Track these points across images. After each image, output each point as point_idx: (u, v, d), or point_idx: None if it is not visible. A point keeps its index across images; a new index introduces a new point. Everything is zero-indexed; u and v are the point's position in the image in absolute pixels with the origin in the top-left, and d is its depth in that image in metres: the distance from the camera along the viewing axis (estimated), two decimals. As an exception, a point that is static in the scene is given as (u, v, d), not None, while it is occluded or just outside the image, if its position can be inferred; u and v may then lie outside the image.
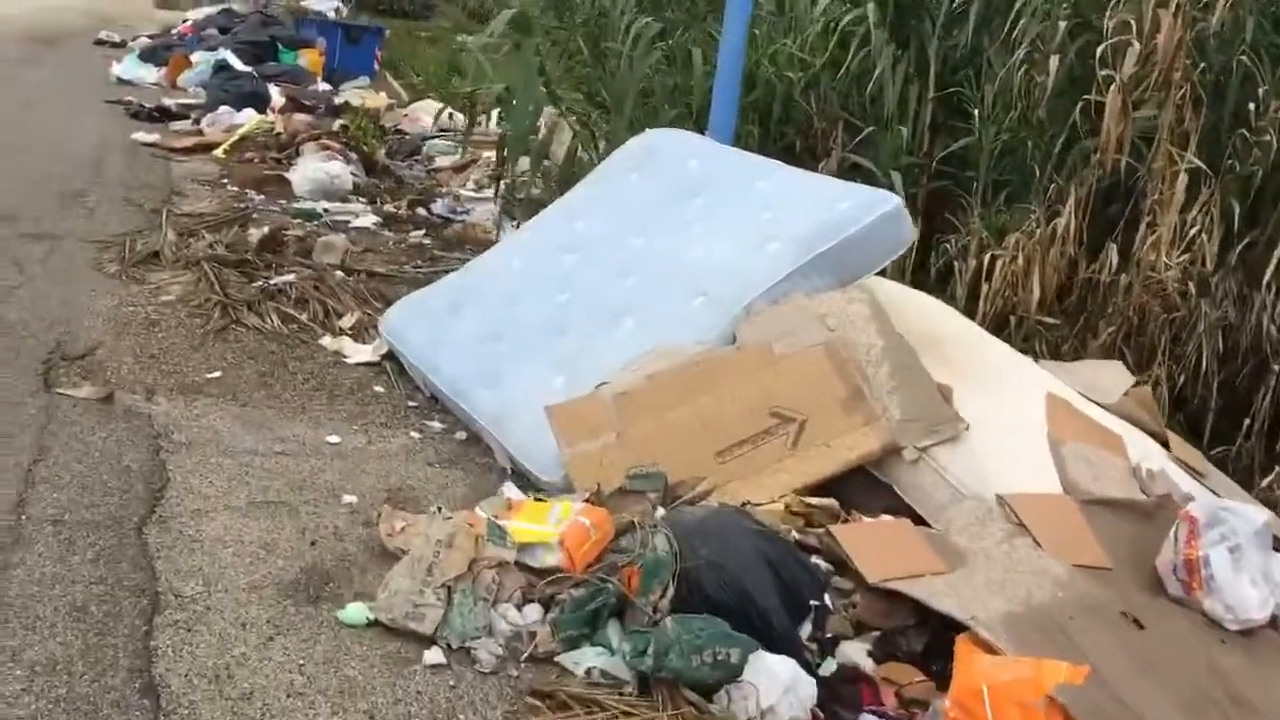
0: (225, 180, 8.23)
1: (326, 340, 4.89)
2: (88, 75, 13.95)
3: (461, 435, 4.12)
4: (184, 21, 20.15)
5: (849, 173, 5.37)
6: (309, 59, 13.90)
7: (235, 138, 9.58)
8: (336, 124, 9.25)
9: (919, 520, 3.37)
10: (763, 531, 2.95)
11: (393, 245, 6.97)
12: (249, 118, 10.16)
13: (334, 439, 3.93)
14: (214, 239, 6.23)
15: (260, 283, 5.60)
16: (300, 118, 9.91)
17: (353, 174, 8.23)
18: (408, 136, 10.20)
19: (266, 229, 6.43)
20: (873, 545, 3.03)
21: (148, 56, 15.10)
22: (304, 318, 5.18)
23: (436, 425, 4.20)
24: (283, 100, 10.51)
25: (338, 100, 10.59)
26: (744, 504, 3.29)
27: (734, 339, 3.64)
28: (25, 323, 4.68)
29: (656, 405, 3.52)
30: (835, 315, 3.58)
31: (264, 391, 4.31)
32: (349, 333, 5.09)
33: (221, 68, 13.14)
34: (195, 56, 14.24)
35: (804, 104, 5.68)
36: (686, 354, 3.61)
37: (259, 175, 8.41)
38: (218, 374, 4.41)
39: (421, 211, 7.88)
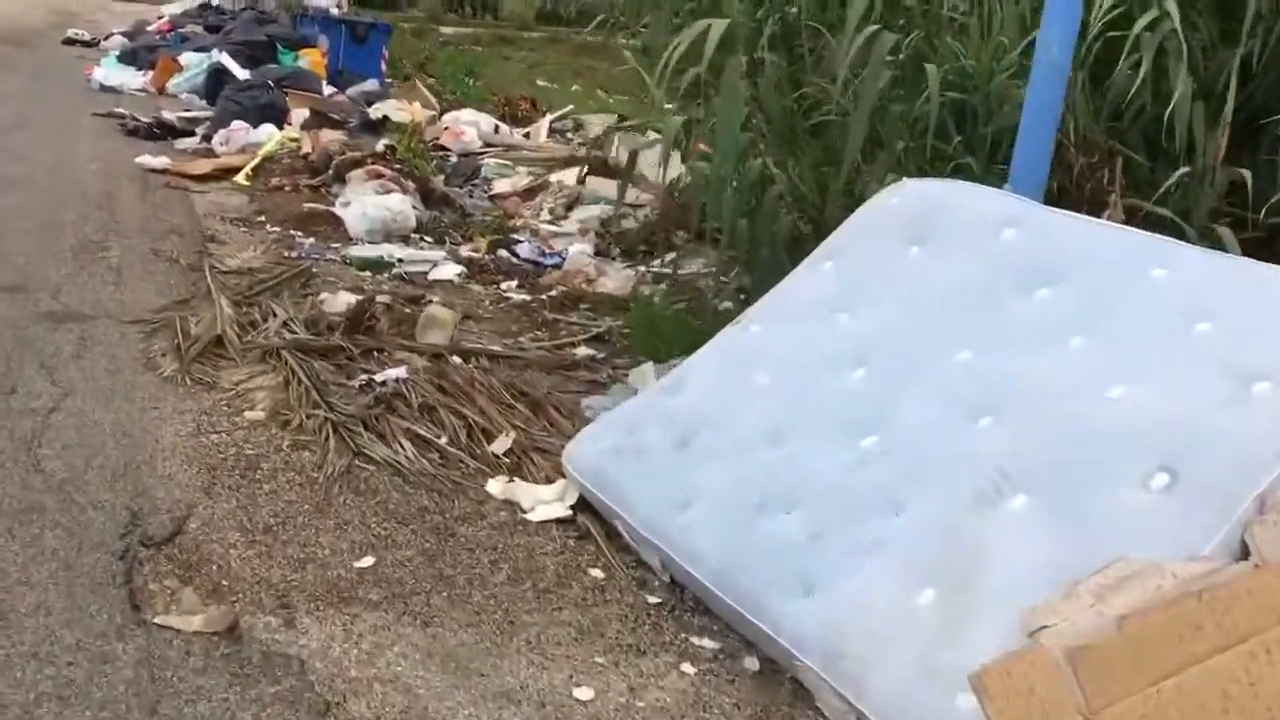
0: (261, 218, 6.76)
1: (493, 486, 3.47)
2: (67, 81, 12.38)
3: (752, 664, 2.72)
4: (159, 18, 18.47)
5: (1142, 226, 4.02)
6: (312, 60, 12.35)
7: (257, 160, 8.10)
8: (381, 144, 7.77)
9: None
10: None
11: (490, 305, 5.54)
12: (268, 135, 8.67)
13: (584, 693, 2.52)
14: (284, 314, 4.79)
15: (363, 381, 4.18)
16: (329, 135, 8.43)
17: (414, 207, 6.79)
18: (455, 156, 8.72)
19: (351, 300, 5.00)
20: None
21: (128, 59, 13.56)
22: (442, 441, 3.76)
23: (707, 644, 2.79)
24: (305, 114, 9.01)
25: (373, 113, 9.06)
26: None
27: (1244, 550, 2.29)
28: (78, 477, 3.24)
29: (1142, 667, 2.16)
30: (1406, 514, 2.23)
31: (444, 592, 2.88)
32: (505, 460, 3.69)
33: (217, 71, 11.62)
34: (184, 58, 12.71)
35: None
36: (1175, 577, 2.25)
37: (298, 210, 6.95)
38: (369, 560, 2.98)
39: (505, 254, 6.44)
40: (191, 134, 9.26)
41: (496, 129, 9.78)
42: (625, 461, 3.28)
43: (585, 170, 7.61)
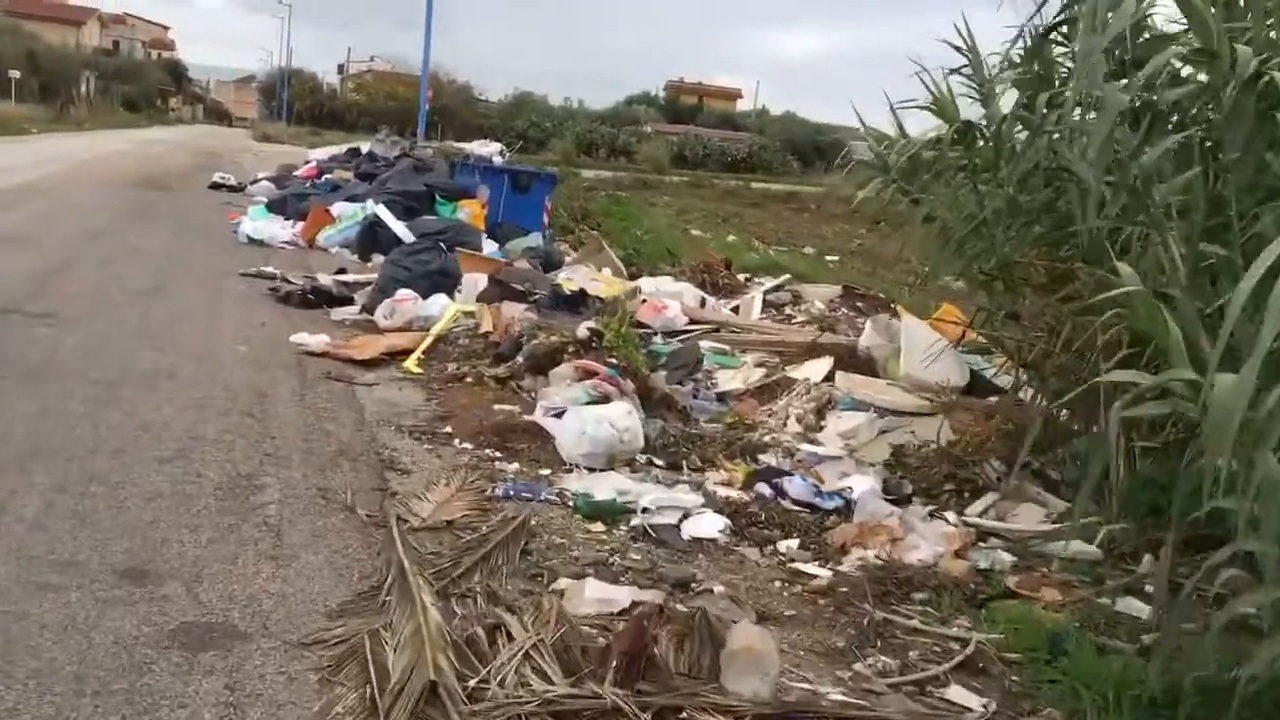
0: (447, 429, 5.17)
1: None
2: (211, 232, 11.28)
3: None
4: (306, 162, 17.62)
5: None
6: (471, 211, 11.03)
7: (429, 340, 6.60)
8: (583, 327, 6.17)
9: None
10: None
11: (783, 590, 3.80)
12: (441, 308, 7.19)
13: None
14: (519, 630, 3.13)
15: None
16: (514, 309, 6.90)
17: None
18: (658, 335, 7.11)
19: (607, 597, 3.32)
20: None
21: (276, 207, 12.43)
22: None
23: None
24: (482, 282, 7.53)
25: (564, 284, 7.51)
26: None
27: None
28: None
29: None
30: None
31: None
32: None
33: (371, 224, 10.35)
34: (336, 209, 11.49)
35: None
36: None
37: (489, 417, 5.36)
38: None
39: (764, 489, 4.74)
40: (350, 301, 7.85)
41: (703, 302, 8.17)
42: None
43: (833, 365, 5.95)
